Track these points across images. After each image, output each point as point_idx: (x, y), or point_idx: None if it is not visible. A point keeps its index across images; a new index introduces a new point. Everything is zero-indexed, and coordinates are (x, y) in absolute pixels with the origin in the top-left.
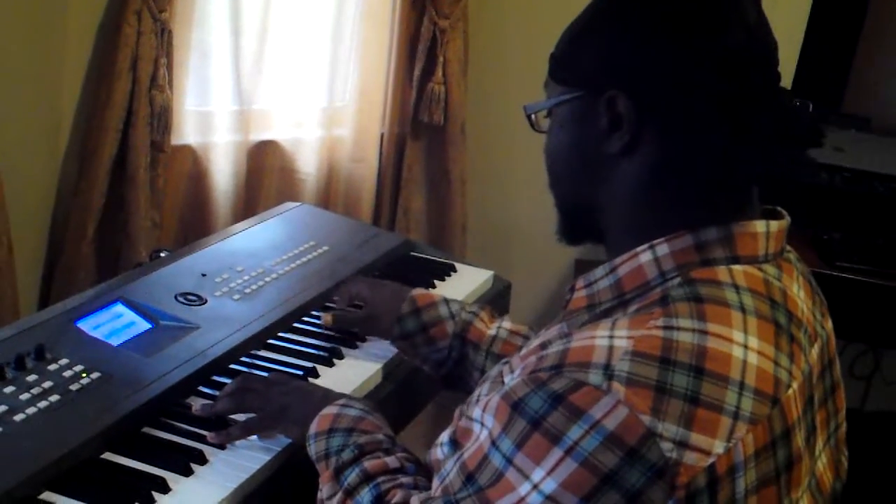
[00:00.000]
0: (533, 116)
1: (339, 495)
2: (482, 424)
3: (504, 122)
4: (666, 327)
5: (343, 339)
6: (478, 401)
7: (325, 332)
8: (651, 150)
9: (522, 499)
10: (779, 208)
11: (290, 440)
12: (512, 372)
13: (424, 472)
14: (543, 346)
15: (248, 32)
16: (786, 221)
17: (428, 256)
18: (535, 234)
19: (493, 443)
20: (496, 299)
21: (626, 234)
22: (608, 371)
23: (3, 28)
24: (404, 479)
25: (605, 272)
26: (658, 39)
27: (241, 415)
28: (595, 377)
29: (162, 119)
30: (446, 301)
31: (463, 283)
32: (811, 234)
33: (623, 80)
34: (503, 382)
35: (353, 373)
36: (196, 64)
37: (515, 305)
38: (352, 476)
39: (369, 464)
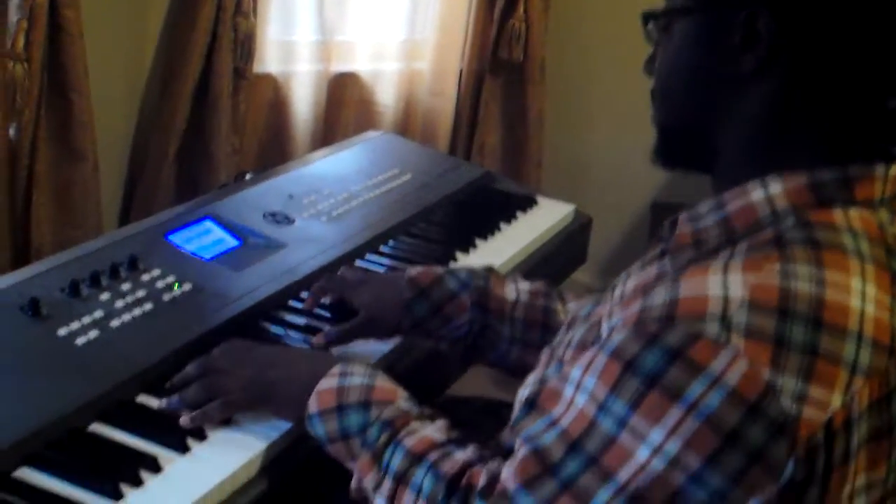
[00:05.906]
0: (650, 24)
1: (387, 483)
2: (578, 387)
3: (583, 61)
4: (783, 274)
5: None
6: (569, 345)
7: (415, 256)
8: (784, 73)
9: (641, 464)
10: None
11: None
12: (611, 318)
13: (467, 433)
14: (644, 290)
15: None
16: None
17: (508, 190)
18: (610, 173)
19: (602, 406)
20: (575, 234)
21: (739, 162)
22: (725, 322)
23: None
24: (462, 455)
25: (711, 207)
26: None
27: None
28: (712, 329)
29: (245, 46)
30: (450, 272)
31: (543, 217)
32: None
33: None
34: (600, 333)
35: None
36: None
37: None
38: (397, 460)
39: (410, 442)
